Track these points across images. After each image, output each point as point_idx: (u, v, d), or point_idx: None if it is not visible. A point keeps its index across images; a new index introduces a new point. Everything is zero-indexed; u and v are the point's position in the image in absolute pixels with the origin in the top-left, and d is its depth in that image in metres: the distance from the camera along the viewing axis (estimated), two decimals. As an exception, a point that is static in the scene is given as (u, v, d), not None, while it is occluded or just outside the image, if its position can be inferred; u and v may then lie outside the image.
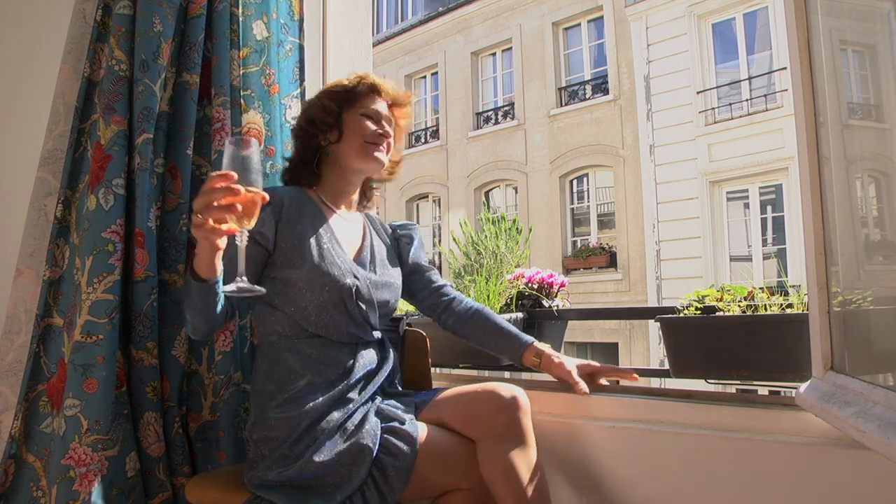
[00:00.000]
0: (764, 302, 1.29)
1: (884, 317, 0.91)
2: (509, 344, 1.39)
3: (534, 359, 1.37)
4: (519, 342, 1.38)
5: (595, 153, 10.20)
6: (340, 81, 1.41)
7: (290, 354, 1.24)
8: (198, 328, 1.21)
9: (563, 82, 10.86)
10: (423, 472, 1.14)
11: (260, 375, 1.26)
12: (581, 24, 10.76)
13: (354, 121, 1.37)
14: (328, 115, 1.36)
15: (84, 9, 1.51)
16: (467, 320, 1.43)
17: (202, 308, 1.15)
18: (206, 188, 0.98)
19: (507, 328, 1.41)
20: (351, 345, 1.28)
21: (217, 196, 0.97)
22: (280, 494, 1.12)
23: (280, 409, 1.18)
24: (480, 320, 1.42)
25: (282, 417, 1.17)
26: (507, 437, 1.16)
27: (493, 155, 11.49)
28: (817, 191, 1.01)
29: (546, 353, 1.37)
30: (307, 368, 1.22)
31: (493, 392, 1.21)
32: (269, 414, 1.19)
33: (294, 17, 1.71)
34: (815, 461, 1.09)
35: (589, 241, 10.34)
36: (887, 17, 0.89)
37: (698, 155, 8.93)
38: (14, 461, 1.33)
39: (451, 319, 1.44)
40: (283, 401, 1.19)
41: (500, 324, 1.41)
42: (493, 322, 1.41)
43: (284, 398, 1.19)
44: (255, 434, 1.19)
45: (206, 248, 1.06)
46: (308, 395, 1.19)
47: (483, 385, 1.24)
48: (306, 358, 1.24)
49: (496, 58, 11.94)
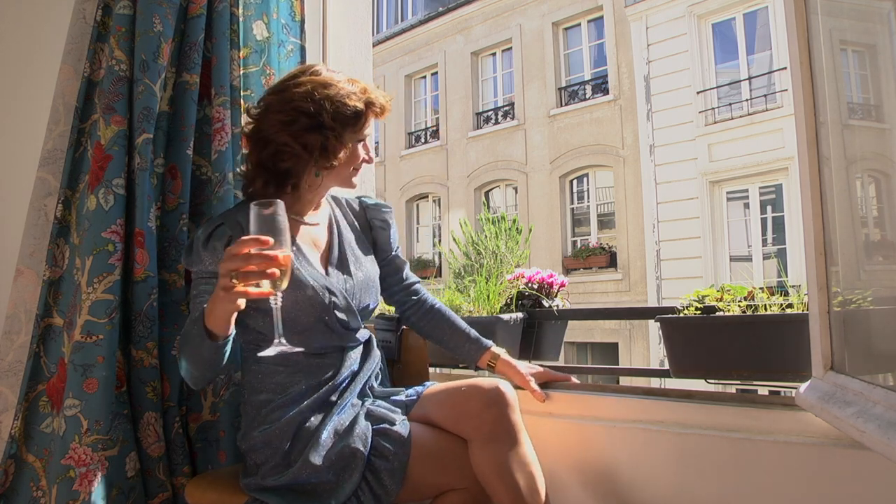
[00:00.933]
0: (764, 302, 1.29)
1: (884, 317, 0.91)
2: (468, 345, 1.41)
3: (490, 362, 1.40)
4: (477, 345, 1.40)
5: (595, 153, 10.20)
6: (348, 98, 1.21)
7: (275, 367, 1.22)
8: (200, 379, 1.17)
9: (563, 82, 10.86)
10: (416, 472, 1.13)
11: (248, 388, 1.25)
12: (581, 24, 10.76)
13: (352, 149, 1.27)
14: (344, 149, 1.24)
15: (84, 9, 1.50)
16: (430, 319, 1.44)
17: (209, 362, 1.11)
18: (239, 253, 0.94)
19: (467, 330, 1.42)
20: (335, 353, 1.26)
21: (253, 262, 0.94)
22: (277, 498, 1.12)
23: (269, 418, 1.18)
24: (442, 320, 1.43)
25: (271, 428, 1.16)
26: (498, 436, 1.15)
27: (493, 155, 11.49)
28: (817, 191, 1.01)
29: (502, 357, 1.39)
30: (292, 378, 1.21)
31: (477, 388, 1.18)
32: (259, 424, 1.18)
33: (295, 18, 1.71)
34: (815, 461, 1.09)
35: (589, 241, 10.34)
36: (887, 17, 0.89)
37: (698, 155, 8.93)
38: (14, 461, 1.33)
39: (415, 317, 1.45)
40: (272, 409, 1.19)
41: (459, 325, 1.43)
42: (453, 323, 1.43)
43: (272, 407, 1.19)
44: (244, 445, 1.20)
45: (229, 310, 1.02)
46: (295, 404, 1.18)
47: (467, 382, 1.22)
48: (291, 369, 1.22)
49: (496, 58, 11.94)
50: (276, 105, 1.21)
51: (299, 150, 1.20)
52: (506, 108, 11.55)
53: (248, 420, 1.22)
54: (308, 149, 1.20)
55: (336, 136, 1.21)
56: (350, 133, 1.24)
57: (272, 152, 1.21)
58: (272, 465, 1.14)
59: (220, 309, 1.03)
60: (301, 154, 1.20)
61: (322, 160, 1.22)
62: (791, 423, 1.12)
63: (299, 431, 1.15)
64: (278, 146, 1.20)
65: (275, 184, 1.23)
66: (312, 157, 1.21)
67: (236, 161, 1.54)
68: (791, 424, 1.12)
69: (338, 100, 1.20)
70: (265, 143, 1.22)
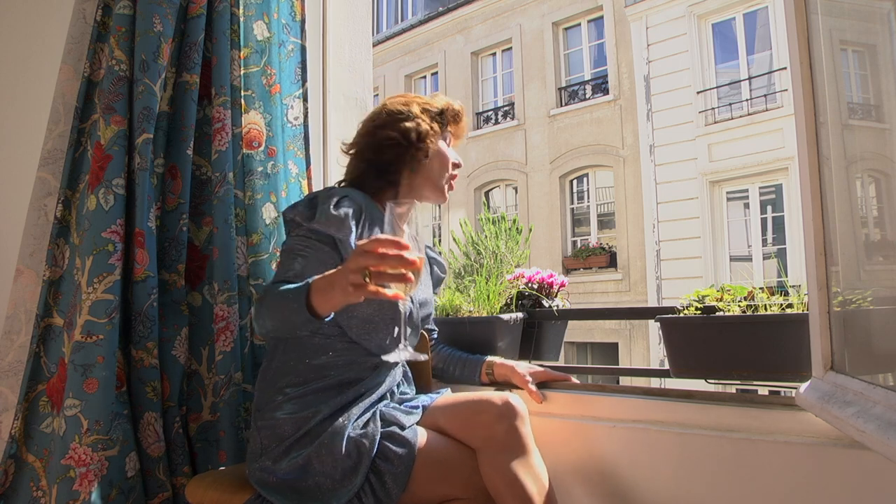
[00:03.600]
0: (764, 302, 1.29)
1: (884, 317, 0.91)
2: (468, 368, 1.49)
3: (486, 372, 1.47)
4: (474, 364, 1.49)
5: (595, 153, 10.20)
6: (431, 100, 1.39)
7: (319, 353, 1.23)
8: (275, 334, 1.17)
9: (563, 82, 10.86)
10: (420, 478, 1.13)
11: (278, 365, 1.24)
12: (581, 24, 10.76)
13: (443, 148, 1.38)
14: (434, 135, 1.35)
15: (84, 9, 1.51)
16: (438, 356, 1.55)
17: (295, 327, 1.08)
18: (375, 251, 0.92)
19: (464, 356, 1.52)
20: (378, 357, 1.27)
21: (390, 262, 0.92)
22: (281, 496, 1.12)
23: (291, 404, 1.18)
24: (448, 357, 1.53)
25: (290, 416, 1.17)
26: (509, 448, 1.15)
27: (493, 155, 11.49)
28: (817, 191, 1.01)
29: (496, 363, 1.46)
30: (330, 370, 1.22)
31: (488, 401, 1.19)
32: (279, 407, 1.19)
33: (296, 18, 1.71)
34: (815, 461, 1.09)
35: (589, 241, 10.34)
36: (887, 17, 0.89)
37: (698, 155, 8.93)
38: (14, 461, 1.33)
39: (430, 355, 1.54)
40: (295, 396, 1.19)
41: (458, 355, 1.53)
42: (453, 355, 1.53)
43: (299, 393, 1.19)
44: (260, 421, 1.20)
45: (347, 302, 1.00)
46: (321, 397, 1.19)
47: (478, 393, 1.24)
48: (333, 360, 1.23)
49: (496, 58, 11.94)
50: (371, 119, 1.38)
51: (398, 137, 1.32)
52: (506, 108, 11.55)
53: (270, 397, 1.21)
54: (405, 135, 1.32)
55: (427, 124, 1.34)
56: (437, 125, 1.37)
57: (376, 148, 1.34)
58: (282, 449, 1.15)
59: (338, 298, 0.99)
60: (399, 141, 1.32)
61: (417, 149, 1.32)
62: (791, 423, 1.12)
63: (316, 426, 1.16)
64: (379, 140, 1.33)
65: (376, 174, 1.34)
66: (408, 144, 1.32)
67: (236, 161, 1.54)
68: (791, 424, 1.12)
69: (423, 101, 1.39)
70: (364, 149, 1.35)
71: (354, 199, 1.24)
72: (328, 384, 1.21)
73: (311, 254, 1.18)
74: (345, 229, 1.18)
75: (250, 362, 1.53)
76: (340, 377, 1.23)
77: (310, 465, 1.12)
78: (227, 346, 1.46)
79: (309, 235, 1.20)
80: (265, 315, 1.11)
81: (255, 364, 1.54)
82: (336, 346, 1.24)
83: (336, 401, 1.19)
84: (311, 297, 1.02)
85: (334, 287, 0.99)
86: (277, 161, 1.61)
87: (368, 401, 1.22)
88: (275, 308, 1.09)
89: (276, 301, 1.09)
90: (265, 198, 1.58)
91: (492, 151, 11.52)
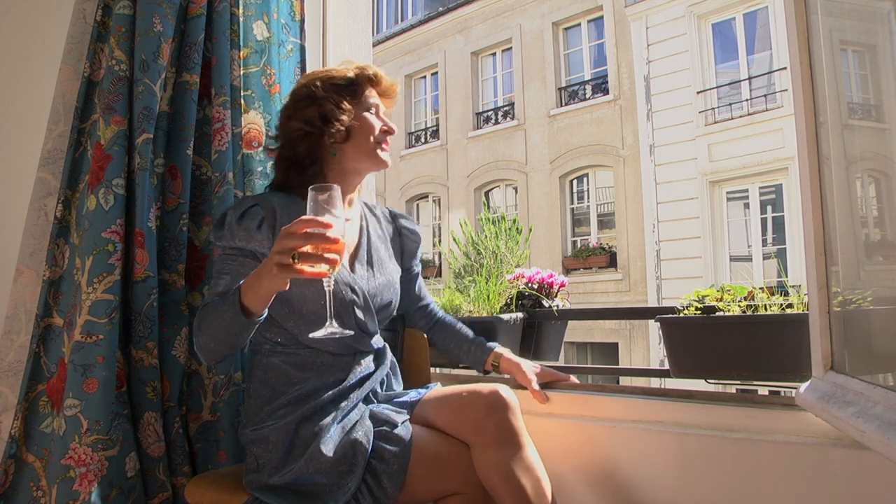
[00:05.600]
0: (764, 302, 1.29)
1: (884, 317, 0.91)
2: (473, 351, 1.45)
3: (493, 362, 1.43)
4: (482, 349, 1.44)
5: (595, 153, 10.20)
6: (336, 71, 1.30)
7: (285, 363, 1.23)
8: (216, 354, 1.15)
9: (563, 82, 10.86)
10: (416, 476, 1.13)
11: (254, 381, 1.25)
12: (581, 24, 10.75)
13: (360, 117, 1.28)
14: (343, 112, 1.25)
15: (84, 9, 1.50)
16: (438, 330, 1.50)
17: (234, 338, 1.10)
18: (298, 232, 0.95)
19: (471, 336, 1.47)
20: (348, 356, 1.26)
21: (314, 241, 0.95)
22: (278, 498, 1.12)
23: (274, 414, 1.18)
24: (450, 331, 1.49)
25: (276, 425, 1.16)
26: (501, 441, 1.14)
27: (493, 155, 11.49)
28: (817, 191, 1.01)
29: (504, 356, 1.42)
30: (302, 375, 1.22)
31: (477, 394, 1.18)
32: (264, 420, 1.18)
33: (295, 18, 1.71)
34: (815, 461, 1.09)
35: (589, 241, 10.33)
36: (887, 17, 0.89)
37: (698, 155, 8.93)
38: (14, 461, 1.33)
39: (426, 329, 1.51)
40: (277, 406, 1.18)
41: (464, 332, 1.48)
42: (459, 331, 1.48)
43: (279, 403, 1.19)
44: (247, 439, 1.19)
45: (275, 288, 1.02)
46: (302, 402, 1.18)
47: (467, 387, 1.21)
48: (301, 365, 1.23)
49: (496, 58, 11.94)
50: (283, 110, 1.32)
51: (304, 127, 1.25)
52: (506, 108, 11.54)
53: (252, 414, 1.22)
54: (310, 122, 1.25)
55: (332, 102, 1.25)
56: (348, 100, 1.27)
57: (288, 142, 1.28)
58: (275, 462, 1.14)
59: (266, 286, 1.02)
60: (307, 130, 1.25)
61: (327, 130, 1.24)
62: (791, 423, 1.12)
63: (304, 431, 1.15)
64: (289, 134, 1.27)
65: (297, 170, 1.27)
66: (318, 130, 1.25)
67: (236, 161, 1.54)
68: (791, 424, 1.12)
69: (326, 75, 1.29)
70: (283, 141, 1.30)
71: (266, 204, 1.22)
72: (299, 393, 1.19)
73: (233, 269, 1.19)
74: (253, 240, 1.18)
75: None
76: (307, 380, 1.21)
77: (305, 472, 1.11)
78: (227, 346, 1.46)
79: (227, 252, 1.21)
80: (204, 334, 1.13)
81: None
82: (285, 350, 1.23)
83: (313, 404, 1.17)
84: (242, 299, 1.05)
85: (261, 278, 1.02)
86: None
87: (352, 397, 1.20)
88: (210, 323, 1.11)
89: (209, 317, 1.11)
90: (265, 198, 1.58)
91: (492, 151, 11.52)
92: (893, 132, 0.89)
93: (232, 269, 1.19)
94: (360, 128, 1.28)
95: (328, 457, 1.11)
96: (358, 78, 1.30)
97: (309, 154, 1.27)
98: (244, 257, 1.20)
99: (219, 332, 1.10)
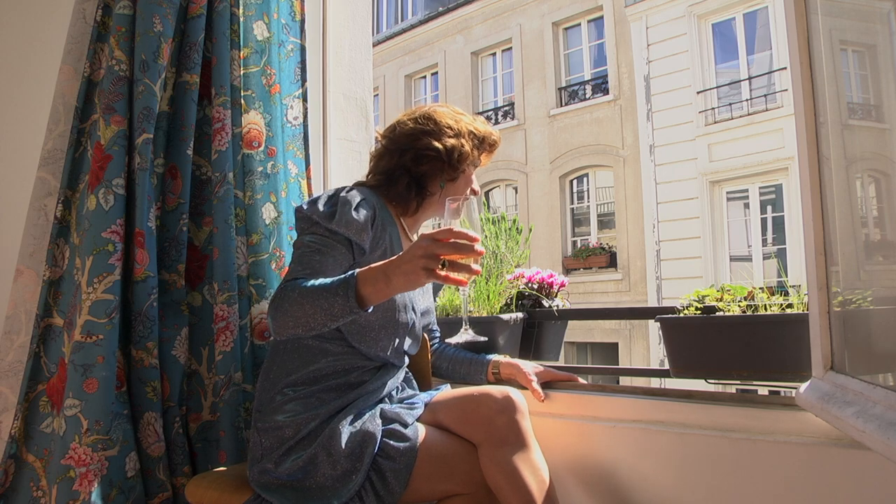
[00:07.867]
0: (764, 302, 1.29)
1: (884, 317, 0.91)
2: (473, 368, 1.49)
3: (493, 371, 1.46)
4: (480, 364, 1.48)
5: (595, 153, 10.20)
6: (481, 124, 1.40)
7: (319, 356, 1.24)
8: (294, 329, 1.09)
9: (563, 82, 10.86)
10: (422, 475, 1.13)
11: (279, 367, 1.25)
12: (581, 24, 10.75)
13: (469, 170, 1.38)
14: (470, 161, 1.36)
15: (84, 9, 1.50)
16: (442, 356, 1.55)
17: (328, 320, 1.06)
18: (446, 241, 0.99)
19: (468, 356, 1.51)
20: (385, 369, 1.30)
21: (463, 251, 1.00)
22: (281, 497, 1.12)
23: (292, 405, 1.19)
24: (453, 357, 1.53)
25: (291, 418, 1.17)
26: (508, 441, 1.16)
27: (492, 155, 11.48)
28: (817, 191, 1.01)
29: (502, 361, 1.46)
30: (332, 374, 1.23)
31: (488, 395, 1.20)
32: (280, 408, 1.19)
33: (295, 18, 1.71)
34: (815, 461, 1.09)
35: (589, 241, 10.34)
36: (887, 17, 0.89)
37: (698, 155, 8.93)
38: (14, 461, 1.33)
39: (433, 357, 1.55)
40: (296, 397, 1.20)
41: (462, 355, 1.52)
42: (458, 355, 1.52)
43: (299, 395, 1.20)
44: (260, 423, 1.20)
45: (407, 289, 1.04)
46: (322, 399, 1.20)
47: (479, 389, 1.25)
48: (332, 363, 1.24)
49: (496, 58, 11.94)
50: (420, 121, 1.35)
51: (441, 152, 1.31)
52: (506, 108, 11.54)
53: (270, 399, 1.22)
54: (448, 152, 1.31)
55: (469, 146, 1.34)
56: (476, 151, 1.37)
57: (414, 156, 1.32)
58: (283, 451, 1.15)
59: (397, 284, 1.03)
60: (441, 156, 1.31)
61: (451, 169, 1.33)
62: (791, 423, 1.12)
63: (317, 428, 1.16)
64: (421, 147, 1.32)
65: (416, 187, 1.34)
66: (447, 163, 1.32)
67: (236, 161, 1.54)
68: (791, 424, 1.12)
69: (472, 122, 1.39)
70: (403, 152, 1.33)
71: (371, 202, 1.25)
72: (329, 386, 1.22)
73: (328, 252, 1.18)
74: (364, 234, 1.21)
75: (250, 362, 1.53)
76: (340, 380, 1.24)
77: (311, 465, 1.12)
78: (227, 346, 1.46)
79: (327, 235, 1.20)
80: (287, 312, 1.07)
81: (255, 364, 1.54)
82: (335, 350, 1.25)
83: (337, 403, 1.20)
84: (360, 288, 1.04)
85: (391, 277, 1.02)
86: (277, 161, 1.61)
87: (369, 402, 1.23)
88: (306, 303, 1.06)
89: (306, 296, 1.06)
90: (265, 198, 1.58)
91: (492, 151, 11.50)
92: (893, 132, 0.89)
93: (327, 252, 1.18)
94: (465, 178, 1.37)
95: (338, 449, 1.11)
96: (487, 139, 1.40)
97: (425, 176, 1.34)
98: (341, 245, 1.20)
99: (312, 315, 1.06)
